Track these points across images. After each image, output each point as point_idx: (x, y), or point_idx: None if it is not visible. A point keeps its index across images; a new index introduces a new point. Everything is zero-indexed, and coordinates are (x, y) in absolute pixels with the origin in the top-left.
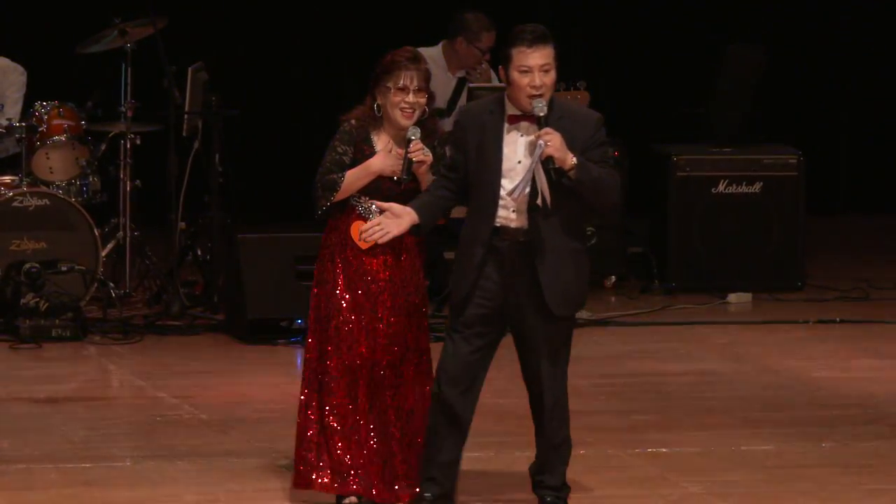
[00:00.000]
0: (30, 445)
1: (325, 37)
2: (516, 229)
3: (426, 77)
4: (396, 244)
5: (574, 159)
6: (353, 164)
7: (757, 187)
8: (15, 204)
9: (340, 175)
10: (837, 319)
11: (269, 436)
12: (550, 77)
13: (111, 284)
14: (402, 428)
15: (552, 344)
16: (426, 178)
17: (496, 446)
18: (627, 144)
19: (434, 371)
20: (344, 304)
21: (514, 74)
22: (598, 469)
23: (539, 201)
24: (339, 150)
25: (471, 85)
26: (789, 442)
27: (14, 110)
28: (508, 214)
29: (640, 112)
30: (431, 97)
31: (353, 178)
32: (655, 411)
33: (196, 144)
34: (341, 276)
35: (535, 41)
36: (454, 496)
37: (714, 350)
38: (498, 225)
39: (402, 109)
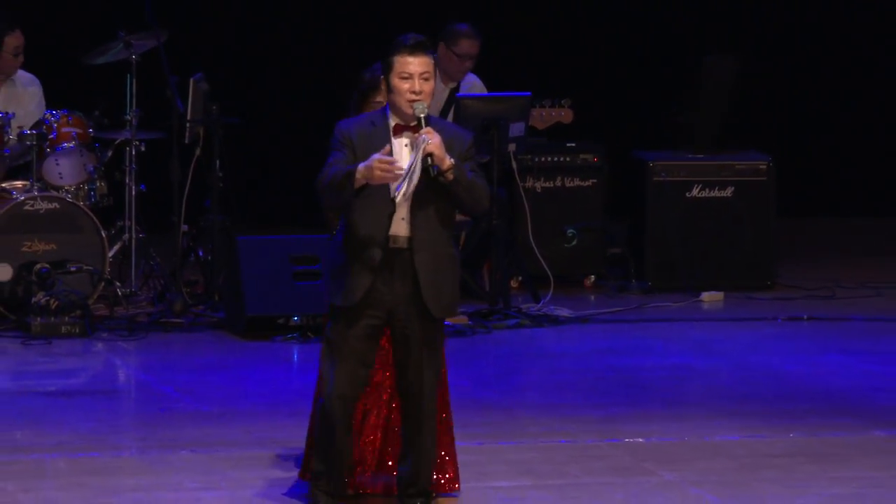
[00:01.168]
0: (41, 436)
1: (320, 49)
2: (403, 237)
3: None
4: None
5: (452, 160)
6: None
7: (729, 192)
8: (26, 208)
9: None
10: (805, 317)
11: (266, 427)
12: (430, 85)
13: (117, 284)
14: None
15: (431, 348)
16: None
17: (481, 437)
18: (608, 151)
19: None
20: None
21: (395, 81)
22: (579, 458)
23: (406, 194)
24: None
25: (459, 95)
26: (759, 432)
27: (30, 121)
28: (398, 221)
29: (621, 121)
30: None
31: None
32: (633, 403)
33: (197, 151)
34: None
35: (415, 49)
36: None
37: (688, 345)
38: (391, 233)
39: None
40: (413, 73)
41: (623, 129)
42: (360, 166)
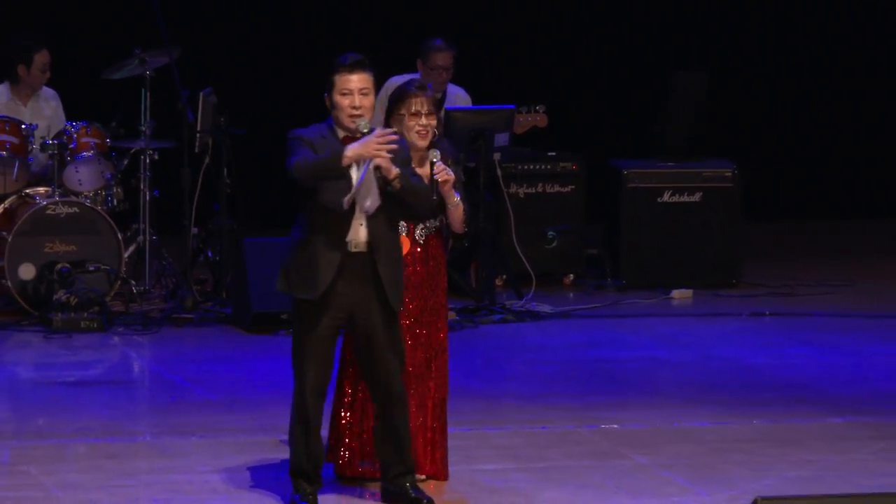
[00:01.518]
0: (61, 423)
1: (319, 66)
2: (363, 241)
3: (435, 102)
4: (424, 249)
5: (397, 170)
6: None
7: (697, 197)
8: (48, 212)
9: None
10: (768, 312)
11: (270, 414)
12: (369, 100)
13: (132, 282)
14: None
15: (394, 338)
16: (451, 195)
17: (468, 423)
18: (586, 160)
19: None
20: None
21: (337, 97)
22: (559, 443)
23: (369, 205)
24: None
25: (448, 108)
26: (726, 419)
27: (52, 132)
28: (356, 227)
29: (597, 131)
30: (440, 122)
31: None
32: (609, 392)
33: (207, 159)
34: None
35: (354, 67)
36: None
37: (660, 339)
38: (349, 238)
39: (417, 132)
40: (353, 90)
41: (599, 140)
42: (350, 147)
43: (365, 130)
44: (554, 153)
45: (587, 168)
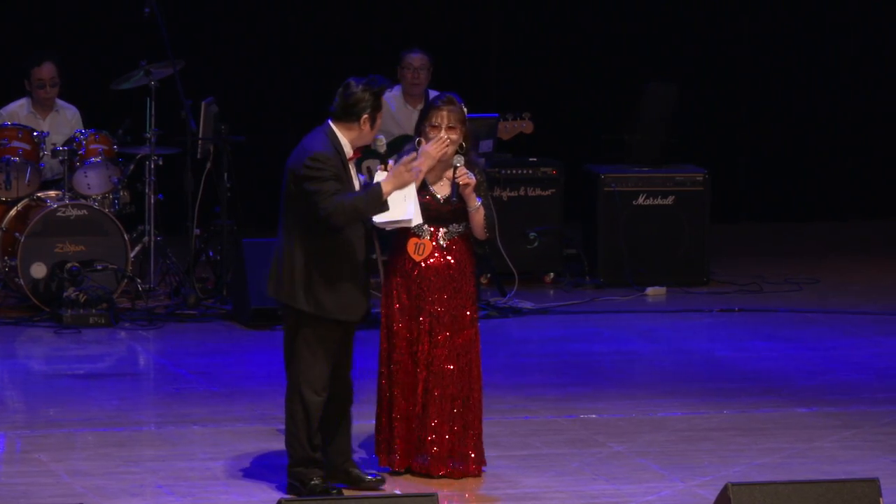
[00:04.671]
0: (71, 413)
1: (313, 76)
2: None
3: (458, 117)
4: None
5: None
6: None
7: (670, 200)
8: (59, 214)
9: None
10: (737, 308)
11: (268, 405)
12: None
13: (138, 280)
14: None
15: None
16: (472, 199)
17: None
18: (565, 165)
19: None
20: (399, 312)
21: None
22: (540, 432)
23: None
24: None
25: None
26: (697, 409)
27: (62, 140)
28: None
29: (576, 139)
30: (468, 135)
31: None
32: (587, 384)
33: (208, 165)
34: (399, 290)
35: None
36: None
37: (635, 334)
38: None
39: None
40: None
41: (578, 146)
42: (384, 181)
43: (382, 151)
44: (535, 159)
45: (566, 173)
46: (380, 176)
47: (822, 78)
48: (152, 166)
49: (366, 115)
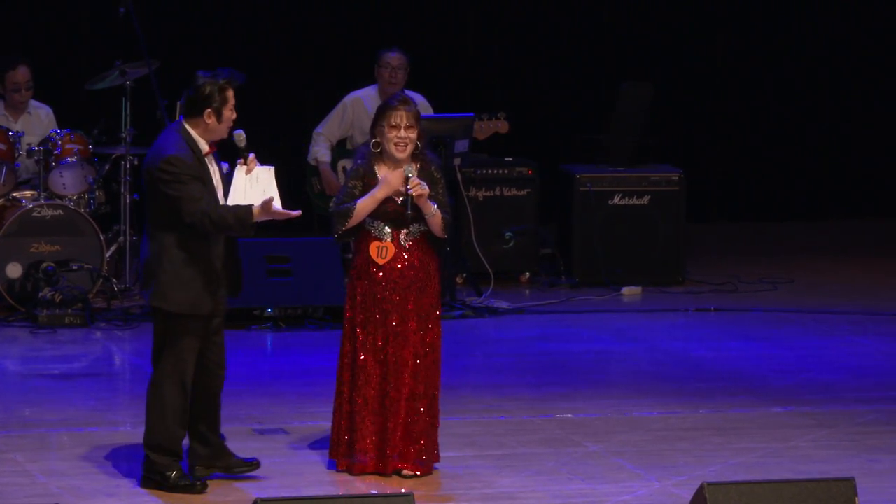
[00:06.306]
0: (47, 413)
1: (289, 78)
2: None
3: (415, 116)
4: (410, 253)
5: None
6: (362, 195)
7: (645, 200)
8: (34, 214)
9: (352, 204)
10: (712, 308)
11: (244, 405)
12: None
13: (114, 280)
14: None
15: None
16: (427, 206)
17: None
18: (540, 165)
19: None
20: (363, 315)
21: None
22: (516, 432)
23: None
24: (350, 184)
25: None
26: (672, 409)
27: (37, 140)
28: None
29: (551, 139)
30: (422, 135)
31: (363, 206)
32: (562, 384)
33: None
34: (364, 293)
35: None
36: None
37: (611, 333)
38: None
39: (395, 144)
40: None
41: (553, 146)
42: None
43: (242, 145)
44: (511, 159)
45: (542, 173)
46: (239, 170)
47: (796, 78)
48: (128, 166)
49: (209, 109)
